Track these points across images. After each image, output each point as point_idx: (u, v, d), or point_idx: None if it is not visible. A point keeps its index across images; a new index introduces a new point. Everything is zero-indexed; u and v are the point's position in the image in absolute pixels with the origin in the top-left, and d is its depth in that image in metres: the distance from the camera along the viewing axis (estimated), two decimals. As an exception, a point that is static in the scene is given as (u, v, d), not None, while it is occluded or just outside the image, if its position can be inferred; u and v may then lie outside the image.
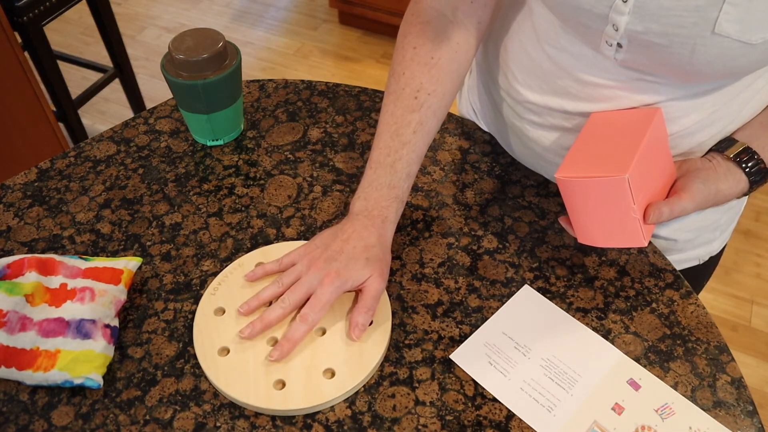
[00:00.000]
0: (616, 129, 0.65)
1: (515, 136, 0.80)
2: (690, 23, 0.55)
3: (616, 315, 0.68)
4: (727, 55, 0.55)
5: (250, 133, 0.88)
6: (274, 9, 2.83)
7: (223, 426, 0.59)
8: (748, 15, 0.52)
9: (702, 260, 0.81)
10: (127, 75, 2.02)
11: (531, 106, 0.73)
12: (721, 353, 0.65)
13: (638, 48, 0.60)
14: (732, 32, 0.54)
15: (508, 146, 0.84)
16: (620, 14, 0.58)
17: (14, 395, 0.62)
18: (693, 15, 0.54)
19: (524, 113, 0.75)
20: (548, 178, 0.81)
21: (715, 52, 0.55)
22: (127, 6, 2.85)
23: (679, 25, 0.55)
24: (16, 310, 0.62)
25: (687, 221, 0.75)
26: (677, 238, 0.77)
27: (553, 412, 0.60)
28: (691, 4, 0.54)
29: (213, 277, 0.71)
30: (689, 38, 0.55)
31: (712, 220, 0.76)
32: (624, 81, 0.65)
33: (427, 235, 0.75)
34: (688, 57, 0.57)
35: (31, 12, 1.58)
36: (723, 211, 0.76)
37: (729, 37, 0.54)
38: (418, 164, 0.72)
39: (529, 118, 0.74)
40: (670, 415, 0.60)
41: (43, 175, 0.82)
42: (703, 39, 0.55)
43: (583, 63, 0.66)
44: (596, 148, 0.64)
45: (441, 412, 0.60)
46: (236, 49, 0.81)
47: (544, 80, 0.71)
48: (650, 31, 0.57)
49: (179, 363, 0.64)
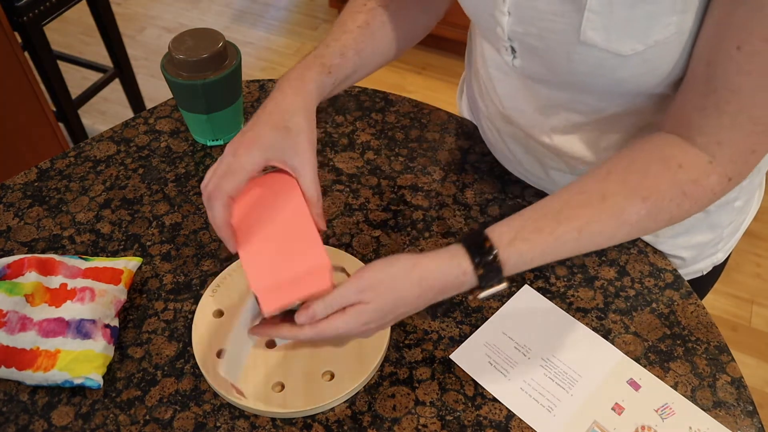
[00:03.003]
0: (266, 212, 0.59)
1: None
2: (560, 29, 0.55)
3: (616, 315, 0.68)
4: (603, 65, 0.55)
5: (250, 133, 0.88)
6: (274, 9, 2.83)
7: (223, 426, 0.59)
8: (611, 24, 0.52)
9: (705, 272, 0.80)
10: (127, 75, 2.02)
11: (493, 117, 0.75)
12: (721, 353, 0.65)
13: (527, 53, 0.60)
14: (598, 41, 0.53)
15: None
16: (502, 14, 0.59)
17: (14, 395, 0.62)
18: (561, 20, 0.54)
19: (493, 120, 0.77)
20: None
21: (589, 61, 0.55)
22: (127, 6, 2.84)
23: (551, 30, 0.56)
24: (16, 310, 0.62)
25: (686, 239, 0.74)
26: (684, 256, 0.76)
27: (553, 412, 0.60)
28: (558, 9, 0.54)
29: (213, 278, 0.70)
30: (562, 44, 0.56)
31: (712, 237, 0.75)
32: (537, 100, 0.66)
33: (427, 235, 0.75)
34: (567, 65, 0.57)
35: (31, 12, 1.58)
36: (724, 226, 0.75)
37: (596, 46, 0.53)
38: (359, 57, 0.65)
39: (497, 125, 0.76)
40: (670, 415, 0.60)
41: (43, 175, 0.82)
42: (574, 46, 0.55)
43: (499, 77, 0.68)
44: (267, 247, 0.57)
45: (441, 412, 0.60)
46: (236, 49, 0.81)
47: (486, 93, 0.73)
48: (529, 34, 0.58)
49: (179, 363, 0.64)
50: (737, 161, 0.53)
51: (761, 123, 0.51)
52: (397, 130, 0.88)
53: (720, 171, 0.53)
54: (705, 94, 0.52)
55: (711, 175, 0.53)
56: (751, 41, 0.47)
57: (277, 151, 0.57)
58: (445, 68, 2.45)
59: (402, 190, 0.80)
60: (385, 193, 0.80)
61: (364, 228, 0.76)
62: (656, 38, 0.51)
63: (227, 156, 0.57)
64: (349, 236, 0.75)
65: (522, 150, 0.74)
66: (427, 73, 2.45)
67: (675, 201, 0.53)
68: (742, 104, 0.50)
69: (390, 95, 0.93)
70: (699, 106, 0.52)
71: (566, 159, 0.70)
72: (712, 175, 0.53)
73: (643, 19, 0.51)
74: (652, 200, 0.53)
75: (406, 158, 0.84)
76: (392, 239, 0.75)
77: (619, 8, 0.51)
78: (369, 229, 0.76)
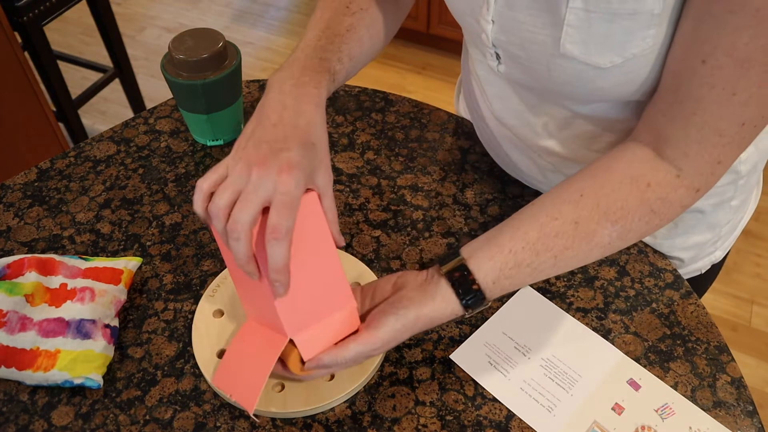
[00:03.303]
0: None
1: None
2: (540, 40, 0.55)
3: (616, 315, 0.68)
4: (582, 77, 0.56)
5: (250, 133, 0.88)
6: (274, 9, 2.83)
7: (223, 426, 0.59)
8: (590, 38, 0.52)
9: (703, 270, 0.81)
10: (127, 75, 2.02)
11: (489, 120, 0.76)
12: (721, 353, 0.65)
13: (510, 60, 0.61)
14: (577, 54, 0.54)
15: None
16: (486, 22, 0.59)
17: (14, 395, 0.62)
18: (542, 32, 0.55)
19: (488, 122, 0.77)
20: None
21: (569, 72, 0.56)
22: (127, 6, 2.84)
23: (532, 40, 0.56)
24: (16, 310, 0.62)
25: (684, 239, 0.75)
26: (683, 257, 0.76)
27: (553, 412, 0.60)
28: (538, 21, 0.55)
29: (213, 278, 0.70)
30: (543, 55, 0.56)
31: (710, 236, 0.75)
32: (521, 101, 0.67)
33: (427, 235, 0.75)
34: (547, 75, 0.58)
35: (31, 12, 1.58)
36: (722, 225, 0.75)
37: (575, 58, 0.54)
38: (351, 64, 0.64)
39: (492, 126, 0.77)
40: (670, 415, 0.60)
41: (43, 175, 0.82)
42: (554, 58, 0.55)
43: (488, 79, 0.69)
44: (297, 287, 0.54)
45: (441, 412, 0.60)
46: (236, 49, 0.81)
47: (478, 96, 0.73)
48: (512, 43, 0.59)
49: (179, 363, 0.64)
50: (704, 172, 0.54)
51: (726, 135, 0.52)
52: (397, 130, 0.88)
53: (687, 183, 0.55)
54: (672, 104, 0.53)
55: (679, 188, 0.55)
56: (716, 55, 0.48)
57: (309, 171, 0.53)
58: (445, 68, 2.46)
59: (402, 190, 0.80)
60: (385, 193, 0.80)
61: (364, 228, 0.76)
62: (634, 51, 0.52)
63: (263, 179, 0.50)
64: (349, 236, 0.75)
65: (517, 152, 0.74)
66: (427, 73, 2.45)
67: (644, 219, 0.55)
68: (707, 116, 0.51)
69: (390, 95, 0.93)
70: (668, 115, 0.53)
71: (559, 161, 0.70)
72: (679, 189, 0.55)
73: (620, 34, 0.51)
74: (622, 223, 0.55)
75: (406, 158, 0.84)
76: (392, 239, 0.75)
77: (597, 23, 0.51)
78: (369, 229, 0.76)
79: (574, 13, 0.52)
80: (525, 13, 0.55)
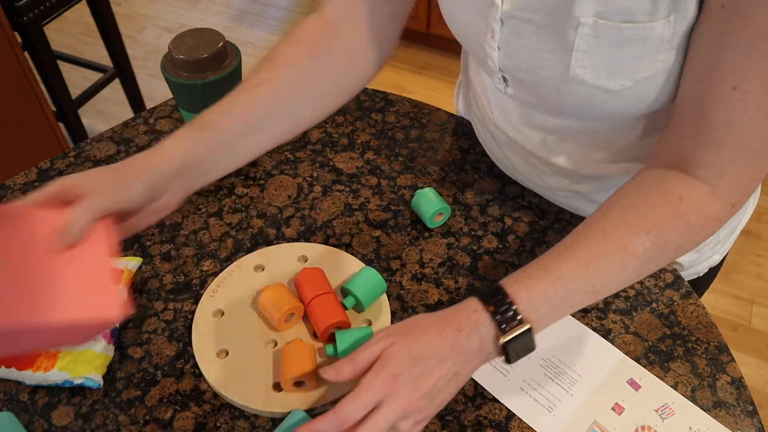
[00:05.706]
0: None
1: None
2: (549, 65, 0.55)
3: (616, 315, 0.68)
4: (593, 100, 0.55)
5: (250, 133, 0.88)
6: (274, 9, 2.83)
7: (223, 426, 0.59)
8: (600, 62, 0.52)
9: (701, 273, 0.81)
10: (127, 75, 2.02)
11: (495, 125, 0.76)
12: (721, 353, 0.65)
13: (518, 84, 0.61)
14: (587, 78, 0.54)
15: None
16: (492, 49, 0.59)
17: (14, 395, 0.62)
18: (550, 58, 0.55)
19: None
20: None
21: (579, 95, 0.56)
22: (127, 6, 2.84)
23: (541, 66, 0.56)
24: (16, 310, 0.62)
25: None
26: (681, 261, 0.76)
27: (553, 412, 0.60)
28: (547, 47, 0.55)
29: (213, 277, 0.70)
30: (552, 80, 0.56)
31: (709, 241, 0.75)
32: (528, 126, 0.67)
33: (427, 235, 0.75)
34: (557, 98, 0.58)
35: (31, 12, 1.58)
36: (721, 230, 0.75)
37: (586, 82, 0.54)
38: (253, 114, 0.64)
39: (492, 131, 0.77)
40: (670, 415, 0.60)
41: (43, 175, 0.82)
42: (564, 82, 0.55)
43: (491, 89, 0.69)
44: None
45: (441, 411, 0.60)
46: (236, 49, 0.81)
47: (484, 101, 0.74)
48: (519, 69, 0.59)
49: (179, 363, 0.64)
50: (739, 188, 0.54)
51: (761, 152, 0.52)
52: (397, 130, 0.88)
53: (723, 200, 0.54)
54: (703, 133, 0.52)
55: (714, 204, 0.54)
56: (747, 81, 0.48)
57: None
58: (445, 68, 2.45)
59: (402, 190, 0.80)
60: (385, 193, 0.80)
61: (364, 228, 0.76)
62: (644, 75, 0.52)
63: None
64: (349, 236, 0.75)
65: (516, 156, 0.74)
66: (427, 73, 2.45)
67: (680, 231, 0.53)
68: (741, 139, 0.51)
69: (390, 95, 0.93)
70: (697, 143, 0.53)
71: (558, 168, 0.70)
72: (715, 204, 0.54)
73: (630, 59, 0.52)
74: (655, 233, 0.53)
75: (406, 158, 0.84)
76: (392, 239, 0.75)
77: (606, 48, 0.51)
78: (369, 229, 0.76)
79: (583, 39, 0.52)
80: (532, 39, 0.55)
